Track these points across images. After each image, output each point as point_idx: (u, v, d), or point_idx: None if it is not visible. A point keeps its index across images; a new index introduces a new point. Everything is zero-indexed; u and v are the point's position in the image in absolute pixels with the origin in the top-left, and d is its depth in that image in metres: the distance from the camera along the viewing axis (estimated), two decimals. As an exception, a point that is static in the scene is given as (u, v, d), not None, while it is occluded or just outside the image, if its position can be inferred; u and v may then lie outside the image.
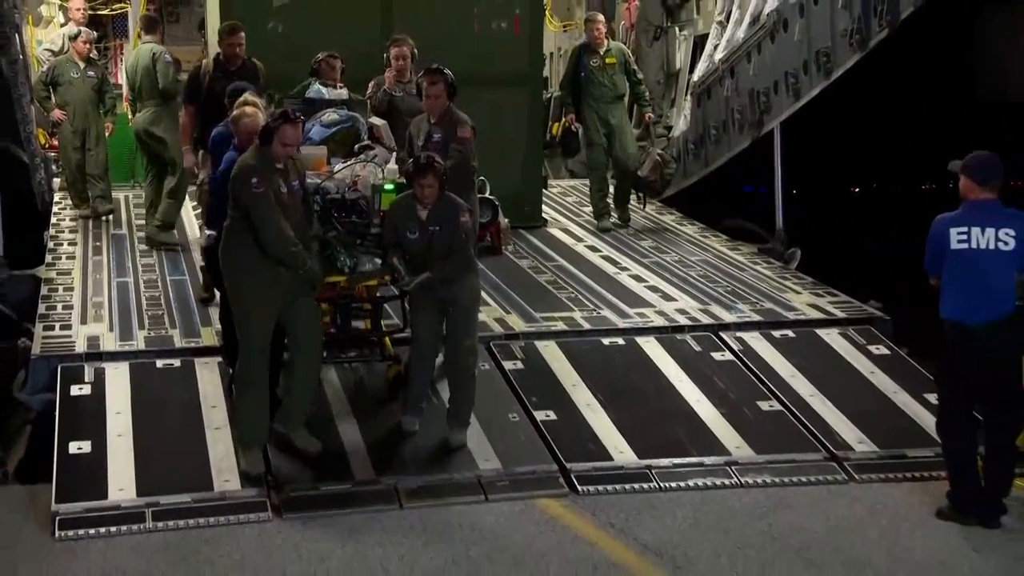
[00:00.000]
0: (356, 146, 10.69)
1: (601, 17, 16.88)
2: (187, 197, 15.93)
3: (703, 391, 11.44)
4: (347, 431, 10.49)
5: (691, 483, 10.19)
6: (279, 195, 9.48)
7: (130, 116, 21.14)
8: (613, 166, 15.82)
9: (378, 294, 10.94)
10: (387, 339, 11.14)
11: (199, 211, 15.13)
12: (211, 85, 13.56)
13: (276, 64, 14.05)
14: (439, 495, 9.86)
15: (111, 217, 16.28)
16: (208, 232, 10.99)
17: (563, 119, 17.38)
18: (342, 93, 12.23)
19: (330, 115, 11.28)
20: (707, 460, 10.45)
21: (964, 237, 9.27)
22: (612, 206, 16.10)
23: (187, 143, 13.91)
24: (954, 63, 17.51)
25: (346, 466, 10.06)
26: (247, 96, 10.72)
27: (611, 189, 16.59)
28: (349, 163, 10.37)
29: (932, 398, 10.72)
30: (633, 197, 16.79)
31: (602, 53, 15.61)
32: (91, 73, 16.34)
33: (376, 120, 11.40)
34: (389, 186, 10.22)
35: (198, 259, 14.39)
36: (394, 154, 11.01)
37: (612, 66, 15.56)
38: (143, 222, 16.00)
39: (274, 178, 9.53)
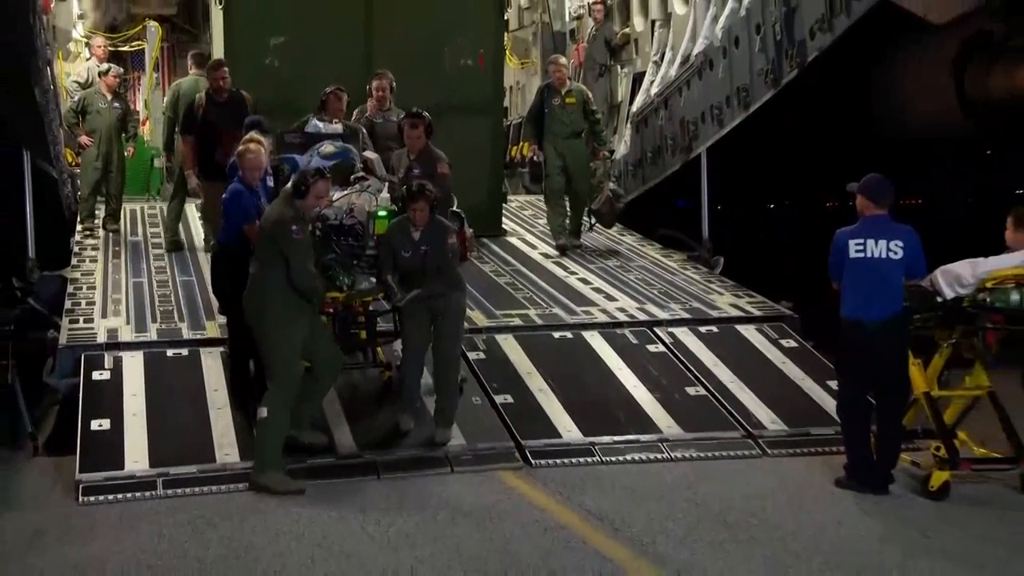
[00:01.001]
0: (352, 177, 10.61)
1: (563, 60, 16.65)
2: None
3: (639, 378, 11.50)
4: (335, 421, 10.50)
5: (628, 457, 10.30)
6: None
7: (147, 138, 21.14)
8: (569, 197, 15.68)
9: (371, 308, 10.85)
10: (380, 348, 11.05)
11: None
12: (205, 116, 13.52)
13: (273, 93, 14.03)
14: (412, 468, 9.93)
15: (127, 226, 16.19)
16: (214, 242, 10.95)
17: (521, 144, 17.34)
18: (337, 128, 12.13)
19: (327, 147, 11.18)
20: (642, 437, 10.56)
21: (861, 247, 9.39)
22: (569, 228, 15.92)
23: (190, 168, 13.89)
24: (855, 99, 17.66)
25: (332, 445, 10.10)
26: (253, 134, 10.65)
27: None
28: (346, 192, 10.30)
29: (833, 384, 10.81)
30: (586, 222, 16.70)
31: (563, 93, 15.40)
32: (116, 104, 16.22)
33: (369, 154, 11.37)
34: (382, 213, 10.18)
35: (203, 262, 14.42)
36: (386, 184, 10.95)
37: (572, 105, 15.33)
38: (159, 230, 16.00)
39: (306, 226, 9.57)
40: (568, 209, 15.27)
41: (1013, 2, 16.09)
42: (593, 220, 15.62)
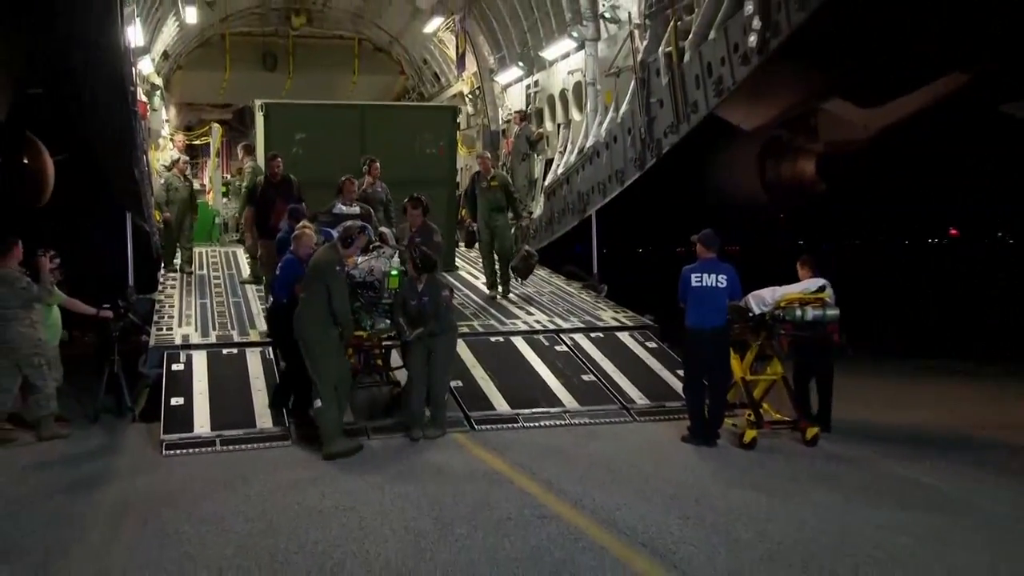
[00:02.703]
0: (371, 246, 10.42)
1: (488, 155, 16.30)
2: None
3: (549, 369, 11.56)
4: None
5: (541, 424, 10.36)
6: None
7: (210, 203, 21.00)
8: (497, 257, 15.27)
9: (386, 343, 10.69)
10: (391, 372, 10.79)
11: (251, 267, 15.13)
12: (263, 193, 13.38)
13: (299, 172, 13.97)
14: (392, 430, 9.96)
15: (195, 264, 16.09)
16: (271, 297, 10.74)
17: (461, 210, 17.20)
18: (355, 210, 12.07)
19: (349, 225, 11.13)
20: (551, 410, 10.63)
21: (699, 279, 9.56)
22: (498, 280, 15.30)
23: (250, 231, 13.78)
24: (695, 178, 17.97)
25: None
26: (305, 222, 10.58)
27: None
28: (367, 257, 10.12)
29: (679, 372, 10.90)
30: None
31: (488, 179, 14.79)
32: (186, 183, 16.07)
33: (383, 228, 11.22)
34: (394, 272, 10.01)
35: (251, 289, 14.37)
36: (396, 251, 10.74)
37: (495, 188, 14.70)
38: (217, 267, 15.92)
39: (344, 268, 9.52)
40: (496, 263, 15.07)
41: (794, 119, 16.49)
42: (513, 275, 15.40)
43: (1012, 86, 15.34)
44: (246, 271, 15.63)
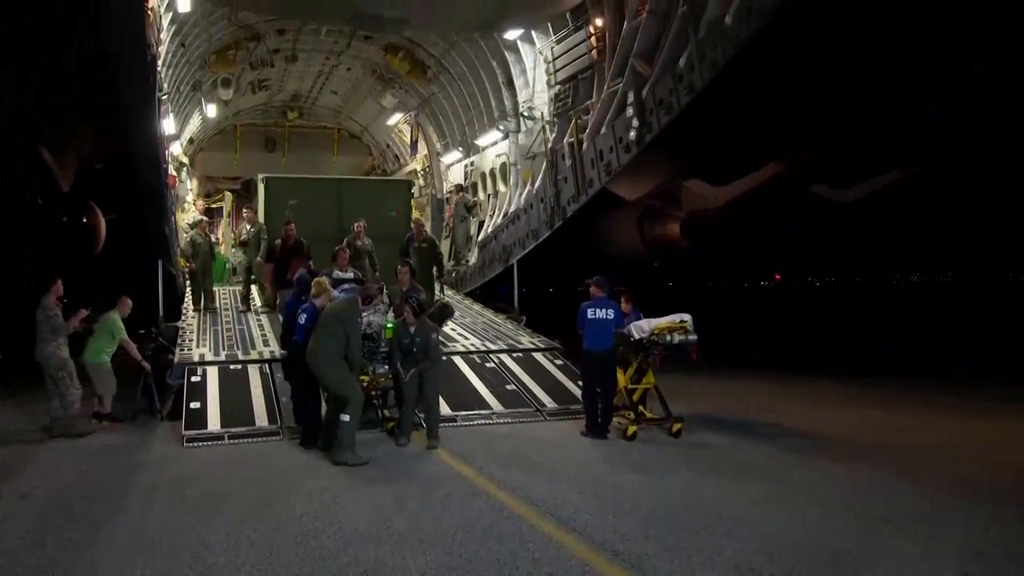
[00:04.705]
0: (367, 304, 9.57)
1: (422, 221, 15.73)
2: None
3: (481, 381, 11.44)
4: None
5: (475, 423, 10.27)
6: None
7: (223, 252, 20.63)
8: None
9: (382, 385, 10.03)
10: (386, 411, 10.20)
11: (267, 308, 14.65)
12: (280, 253, 13.23)
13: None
14: (363, 429, 9.52)
15: (219, 300, 15.72)
16: (283, 351, 10.24)
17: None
18: (350, 275, 11.80)
19: (347, 287, 10.87)
20: (482, 412, 10.52)
21: (594, 312, 9.58)
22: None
23: (269, 283, 13.40)
24: (591, 235, 18.19)
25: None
26: (322, 279, 9.70)
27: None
28: (366, 312, 9.41)
29: (579, 383, 10.81)
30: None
31: (419, 241, 14.29)
32: (205, 240, 15.65)
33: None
34: (389, 324, 9.55)
35: (252, 319, 14.12)
36: (391, 308, 10.11)
37: (425, 248, 14.21)
38: (228, 302, 15.65)
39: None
40: None
41: (664, 192, 16.83)
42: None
43: (818, 173, 15.98)
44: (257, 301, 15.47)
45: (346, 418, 8.41)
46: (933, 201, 16.95)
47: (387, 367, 9.51)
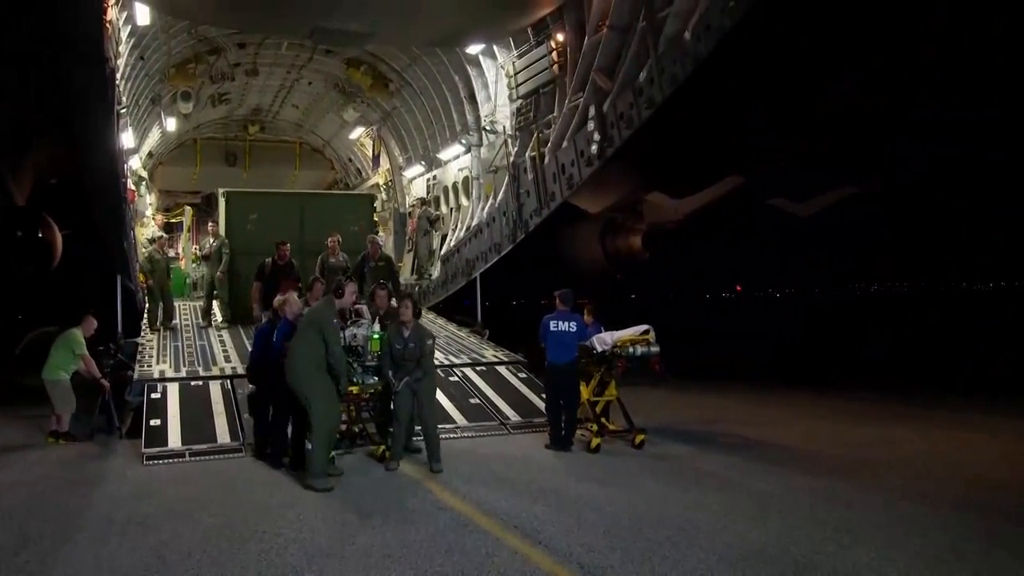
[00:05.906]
0: (348, 320, 9.15)
1: (378, 240, 14.69)
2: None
3: (445, 395, 11.31)
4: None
5: (442, 436, 9.92)
6: None
7: (183, 267, 20.36)
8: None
9: (371, 396, 9.57)
10: (373, 434, 9.83)
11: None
12: (270, 271, 12.83)
13: (253, 244, 13.68)
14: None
15: (179, 317, 15.49)
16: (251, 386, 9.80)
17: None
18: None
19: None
20: (447, 426, 10.38)
21: (556, 325, 9.61)
22: None
23: (255, 302, 12.78)
24: (554, 250, 18.29)
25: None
26: (291, 294, 9.41)
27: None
28: (350, 326, 9.11)
29: (542, 395, 10.83)
30: None
31: (376, 259, 13.67)
32: (163, 257, 15.21)
33: (360, 306, 9.62)
34: (375, 336, 9.17)
35: (213, 334, 13.94)
36: (377, 320, 9.68)
37: (381, 267, 13.56)
38: (188, 317, 15.37)
39: (339, 321, 8.48)
40: None
41: (626, 206, 17.04)
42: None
43: (775, 186, 16.28)
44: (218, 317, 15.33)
45: (310, 445, 8.13)
46: (892, 213, 17.39)
47: (377, 378, 9.14)
